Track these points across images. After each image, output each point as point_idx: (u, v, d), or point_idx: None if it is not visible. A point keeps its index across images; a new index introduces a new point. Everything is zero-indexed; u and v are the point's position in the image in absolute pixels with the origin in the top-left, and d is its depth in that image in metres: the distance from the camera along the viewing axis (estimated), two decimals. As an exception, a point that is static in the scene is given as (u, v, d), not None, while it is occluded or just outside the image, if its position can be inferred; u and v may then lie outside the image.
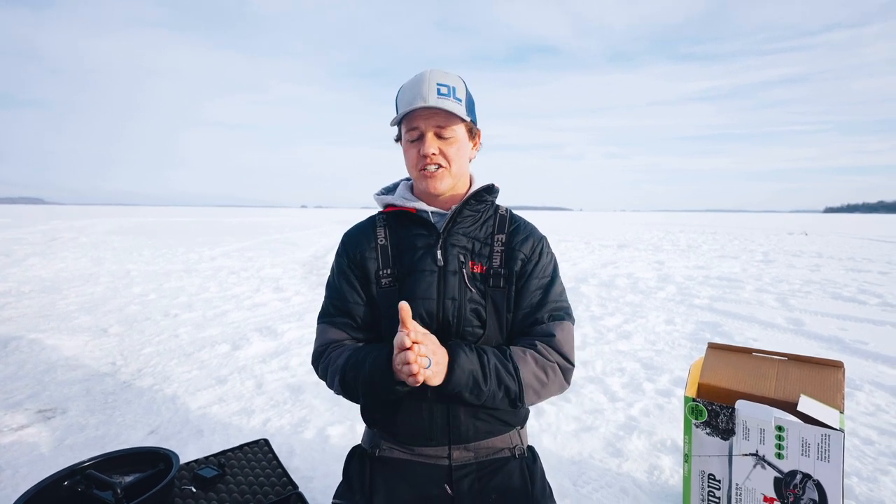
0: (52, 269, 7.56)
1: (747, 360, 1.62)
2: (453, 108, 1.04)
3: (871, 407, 2.62)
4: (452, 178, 1.10)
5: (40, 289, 5.89)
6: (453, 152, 1.08)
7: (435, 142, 1.06)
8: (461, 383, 0.97)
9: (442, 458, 1.13)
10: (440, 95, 1.03)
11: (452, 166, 1.08)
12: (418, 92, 1.03)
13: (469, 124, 1.11)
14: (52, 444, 2.21)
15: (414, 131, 1.07)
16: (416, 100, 1.03)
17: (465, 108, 1.08)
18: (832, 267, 8.58)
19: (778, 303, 5.39)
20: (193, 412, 2.55)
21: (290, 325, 4.27)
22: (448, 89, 1.05)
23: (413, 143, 1.08)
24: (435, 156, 1.06)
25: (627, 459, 2.09)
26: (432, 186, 1.09)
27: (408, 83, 1.07)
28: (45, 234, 14.73)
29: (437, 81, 1.04)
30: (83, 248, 10.89)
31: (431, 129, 1.05)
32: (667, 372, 3.15)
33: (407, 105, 1.04)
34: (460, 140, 1.09)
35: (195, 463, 1.74)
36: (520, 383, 1.02)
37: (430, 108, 1.03)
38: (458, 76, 1.10)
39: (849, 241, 15.59)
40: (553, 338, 1.09)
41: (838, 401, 1.42)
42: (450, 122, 1.06)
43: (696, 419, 1.55)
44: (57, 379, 2.98)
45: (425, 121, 1.05)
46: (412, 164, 1.10)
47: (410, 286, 1.09)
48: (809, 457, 1.37)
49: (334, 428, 2.35)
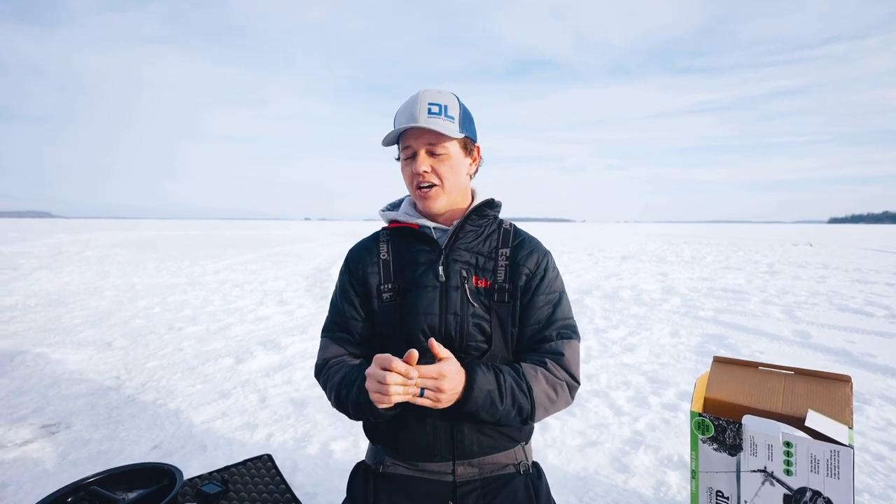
0: (58, 282, 7.61)
1: (754, 374, 1.61)
2: (442, 127, 1.06)
3: (882, 422, 2.58)
4: (447, 196, 1.12)
5: (46, 302, 5.92)
6: (446, 170, 1.09)
7: (427, 160, 1.08)
8: (478, 403, 0.97)
9: (446, 474, 1.12)
10: (430, 115, 1.06)
11: (446, 184, 1.10)
12: (410, 112, 1.07)
13: (463, 140, 1.12)
14: (56, 459, 2.21)
15: (407, 150, 1.10)
16: (408, 119, 1.06)
17: (459, 124, 1.10)
18: (838, 278, 8.53)
19: (784, 315, 5.36)
20: (197, 427, 2.54)
21: (293, 338, 4.28)
22: (439, 108, 1.07)
23: (407, 162, 1.11)
24: (427, 174, 1.08)
25: (634, 475, 2.06)
26: (428, 206, 1.11)
27: (402, 104, 1.11)
28: (51, 248, 14.86)
29: (428, 101, 1.07)
30: (88, 261, 10.97)
31: (423, 148, 1.08)
32: (672, 385, 3.12)
33: (398, 125, 1.08)
34: (453, 157, 1.10)
35: (198, 479, 1.73)
36: (532, 402, 1.03)
37: (419, 129, 1.06)
38: (452, 93, 1.12)
39: (854, 251, 15.50)
40: (562, 357, 1.09)
41: (847, 416, 1.41)
42: (440, 140, 1.08)
43: (702, 434, 1.53)
44: (61, 393, 2.98)
45: (416, 140, 1.08)
46: (409, 182, 1.13)
47: (412, 301, 1.10)
48: (819, 473, 1.35)
49: (338, 443, 2.33)
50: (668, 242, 21.28)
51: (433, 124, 1.05)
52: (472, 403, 0.97)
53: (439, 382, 0.92)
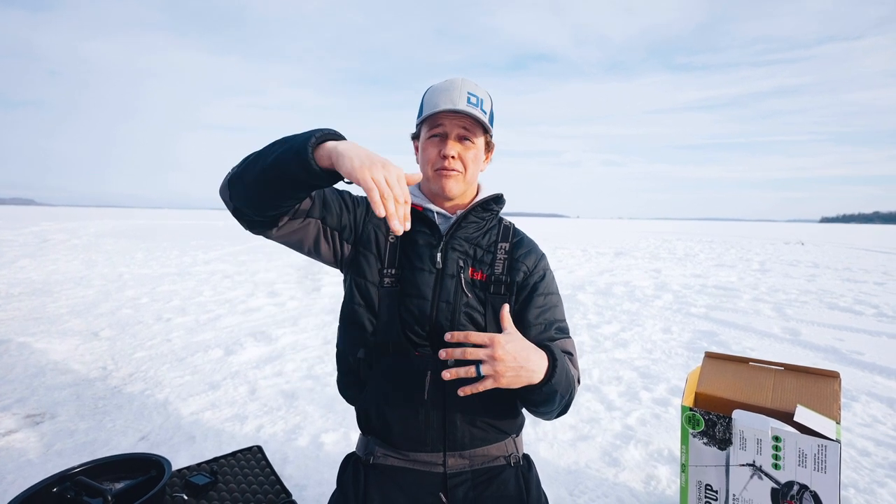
0: (43, 271, 7.47)
1: (744, 370, 1.63)
2: (480, 116, 1.06)
3: (868, 418, 2.63)
4: (465, 184, 1.12)
5: (30, 291, 5.81)
6: (471, 158, 1.10)
7: (457, 145, 1.08)
8: (560, 383, 0.94)
9: (437, 465, 1.12)
10: (469, 104, 1.06)
11: (468, 172, 1.11)
12: (448, 95, 1.06)
13: (488, 137, 1.15)
14: (41, 449, 2.17)
15: (438, 128, 1.08)
16: (446, 102, 1.05)
17: (489, 121, 1.11)
18: (828, 277, 8.65)
19: (774, 312, 5.43)
20: (185, 418, 2.51)
21: (284, 330, 4.24)
22: (477, 100, 1.08)
23: (434, 142, 1.10)
24: (454, 159, 1.08)
25: (624, 469, 2.08)
26: (447, 187, 1.10)
27: (438, 85, 1.10)
28: (36, 236, 14.58)
29: (468, 90, 1.07)
30: (75, 250, 10.78)
31: (456, 131, 1.08)
32: (664, 381, 3.15)
33: (434, 106, 1.06)
34: (479, 149, 1.12)
35: (187, 470, 1.71)
36: (572, 392, 1.03)
37: (458, 112, 1.05)
38: (487, 92, 1.13)
39: (845, 251, 15.74)
40: (572, 356, 1.11)
41: (835, 411, 1.42)
42: (474, 129, 1.09)
43: (693, 429, 1.54)
44: (46, 383, 2.93)
45: (451, 122, 1.08)
46: (430, 161, 1.10)
47: (406, 282, 1.10)
48: (806, 467, 1.36)
49: (328, 435, 2.32)
50: (661, 239, 21.50)
51: (472, 111, 1.05)
52: (556, 383, 0.92)
53: (494, 351, 0.85)
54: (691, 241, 20.76)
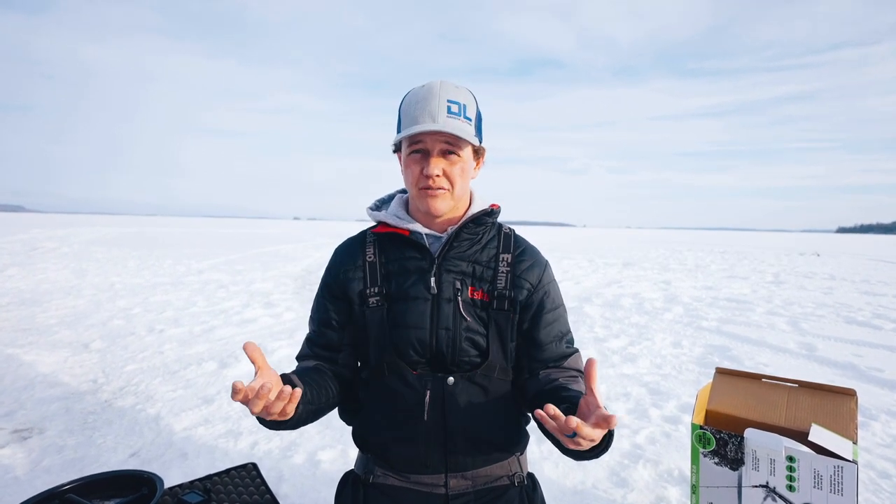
0: (32, 280, 7.35)
1: (757, 387, 1.60)
2: (462, 130, 0.99)
3: (888, 438, 2.55)
4: (453, 200, 1.05)
5: (19, 301, 5.70)
6: (457, 173, 1.02)
7: (441, 161, 1.00)
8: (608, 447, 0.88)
9: (438, 486, 1.08)
10: (450, 114, 0.99)
11: (455, 188, 1.03)
12: (426, 108, 0.98)
13: (475, 145, 1.06)
14: (28, 466, 2.10)
15: (419, 145, 1.01)
16: (425, 118, 0.98)
17: (475, 127, 1.04)
18: (846, 289, 8.44)
19: (789, 326, 5.30)
20: (178, 434, 2.44)
21: (280, 342, 4.18)
22: (459, 107, 1.00)
23: (415, 159, 1.02)
24: (438, 178, 1.00)
25: (633, 490, 2.03)
26: (434, 206, 1.03)
27: (416, 94, 1.01)
28: (25, 244, 14.39)
29: (447, 98, 0.99)
30: (65, 258, 10.64)
31: (438, 146, 1.00)
32: (674, 398, 3.10)
33: (413, 121, 0.99)
34: (466, 160, 1.04)
35: (179, 488, 1.65)
36: None
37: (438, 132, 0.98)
38: (469, 91, 1.06)
39: (862, 262, 15.36)
40: (581, 374, 1.09)
41: (851, 431, 1.39)
42: (458, 144, 1.01)
43: (703, 448, 1.51)
44: (35, 397, 2.85)
45: (432, 139, 1.00)
46: (412, 181, 1.04)
47: (401, 313, 1.05)
48: (822, 489, 1.33)
49: (325, 452, 2.27)
50: (670, 249, 21.09)
51: (454, 127, 0.98)
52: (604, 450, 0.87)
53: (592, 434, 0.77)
54: (702, 251, 20.36)
